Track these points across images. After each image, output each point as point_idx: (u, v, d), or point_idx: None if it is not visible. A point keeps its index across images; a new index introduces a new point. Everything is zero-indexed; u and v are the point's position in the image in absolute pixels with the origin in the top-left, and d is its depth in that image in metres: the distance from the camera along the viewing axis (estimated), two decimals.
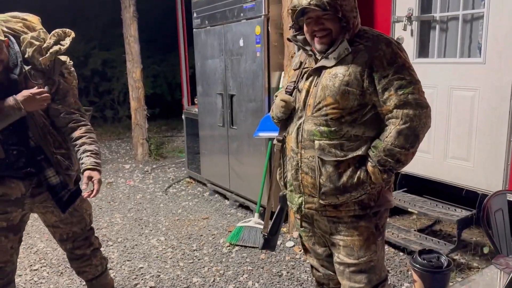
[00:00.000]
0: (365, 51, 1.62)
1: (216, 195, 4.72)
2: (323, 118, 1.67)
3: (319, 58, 1.74)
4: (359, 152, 1.64)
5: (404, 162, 1.63)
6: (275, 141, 1.92)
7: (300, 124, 1.74)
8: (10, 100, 1.82)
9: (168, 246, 3.55)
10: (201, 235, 3.73)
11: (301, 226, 1.93)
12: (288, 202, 1.90)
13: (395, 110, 1.58)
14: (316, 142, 1.68)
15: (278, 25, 3.55)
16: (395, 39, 3.53)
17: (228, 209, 4.33)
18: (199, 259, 3.29)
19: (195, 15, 4.51)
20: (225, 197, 4.54)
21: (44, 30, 2.03)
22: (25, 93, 1.84)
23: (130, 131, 7.08)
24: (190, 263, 3.24)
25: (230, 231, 3.68)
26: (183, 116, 5.43)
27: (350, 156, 1.64)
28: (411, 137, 1.58)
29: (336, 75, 1.66)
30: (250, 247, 3.41)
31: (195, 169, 5.26)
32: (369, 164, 1.63)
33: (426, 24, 3.38)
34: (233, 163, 4.20)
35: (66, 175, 2.04)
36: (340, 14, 1.63)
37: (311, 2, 1.62)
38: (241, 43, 3.82)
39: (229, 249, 3.43)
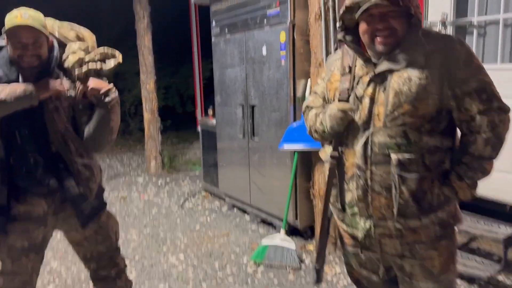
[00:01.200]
0: (438, 51, 1.44)
1: (235, 210, 4.52)
2: (400, 128, 1.48)
3: (379, 60, 1.56)
4: (444, 166, 1.45)
5: (489, 173, 1.44)
6: (326, 157, 1.71)
7: (368, 137, 1.54)
8: (22, 84, 1.72)
9: (188, 265, 3.34)
10: (223, 253, 3.52)
11: (351, 251, 1.72)
12: (342, 227, 1.69)
13: (478, 117, 1.40)
14: (393, 156, 1.48)
15: (304, 32, 3.38)
16: None
17: (249, 225, 4.12)
18: (222, 280, 3.08)
19: (214, 24, 4.37)
20: (245, 212, 4.33)
21: (95, 47, 1.94)
22: (41, 81, 1.74)
23: (142, 143, 6.93)
24: (214, 284, 3.03)
25: (253, 249, 3.48)
26: (198, 128, 5.26)
27: (434, 170, 1.44)
28: (498, 145, 1.40)
29: (410, 78, 1.47)
30: (277, 267, 3.20)
31: (211, 182, 5.07)
32: (454, 178, 1.44)
33: (462, 29, 3.20)
34: (254, 176, 4.00)
35: (87, 186, 1.90)
36: (412, 10, 1.46)
37: None
38: (263, 51, 3.66)
39: (254, 268, 3.22)
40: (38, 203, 1.83)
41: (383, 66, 1.54)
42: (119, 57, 1.91)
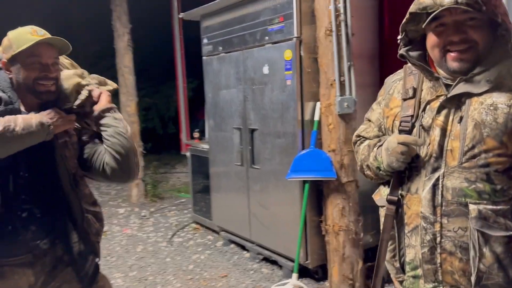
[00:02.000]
0: None
1: (232, 245, 4.08)
2: (481, 170, 1.15)
3: (453, 81, 1.22)
4: None
5: None
6: (382, 201, 1.37)
7: (438, 179, 1.20)
8: (35, 115, 1.43)
9: None
10: None
11: None
12: None
13: None
14: (472, 207, 1.15)
15: (312, 49, 3.05)
16: None
17: (249, 264, 3.68)
18: None
19: (205, 41, 4.00)
20: (244, 248, 3.90)
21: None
22: (49, 111, 1.47)
23: None
24: None
25: None
26: (187, 153, 4.83)
27: None
28: None
29: (496, 106, 1.15)
30: None
31: (202, 213, 4.63)
32: None
33: None
34: (256, 208, 3.60)
35: (96, 242, 1.64)
36: (499, 18, 1.13)
37: (459, 0, 1.12)
38: (265, 70, 3.30)
39: None
40: (22, 277, 1.45)
41: (459, 89, 1.21)
42: (112, 84, 1.73)
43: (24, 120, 1.37)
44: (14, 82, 1.47)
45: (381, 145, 1.37)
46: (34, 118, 1.40)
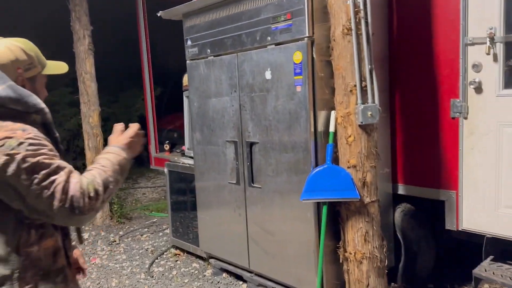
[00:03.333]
0: None
1: (225, 275, 3.58)
2: None
3: None
4: None
5: None
6: None
7: None
8: (115, 150, 1.43)
9: None
10: None
11: None
12: None
13: None
14: None
15: (323, 50, 2.67)
16: (471, 66, 2.84)
17: None
18: None
19: (189, 43, 3.52)
20: (241, 279, 3.41)
21: None
22: (120, 136, 1.50)
23: None
24: None
25: None
26: (165, 169, 4.29)
27: None
28: None
29: None
30: None
31: (185, 238, 4.10)
32: None
33: (510, 47, 2.69)
34: (256, 233, 3.14)
35: None
36: None
37: None
38: (267, 75, 2.88)
39: None
40: None
41: None
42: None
43: (116, 159, 1.39)
44: None
45: None
46: (119, 154, 1.40)
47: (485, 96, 2.71)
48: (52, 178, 1.22)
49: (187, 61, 3.57)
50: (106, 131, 8.82)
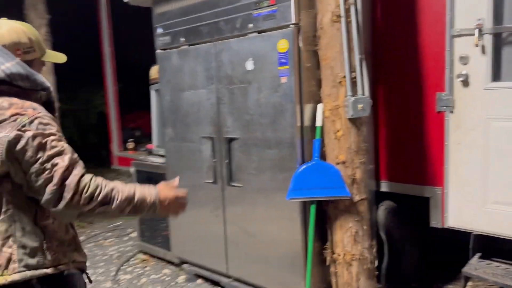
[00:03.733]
0: None
1: (199, 281, 3.34)
2: None
3: None
4: None
5: None
6: None
7: None
8: (150, 192, 1.40)
9: None
10: None
11: None
12: None
13: None
14: None
15: (310, 39, 2.50)
16: (458, 58, 2.76)
17: None
18: None
19: (160, 31, 3.25)
20: (218, 285, 3.18)
21: None
22: (169, 189, 1.48)
23: None
24: None
25: None
26: (131, 169, 3.99)
27: None
28: None
29: None
30: None
31: (153, 242, 3.82)
32: None
33: (499, 38, 2.63)
34: (235, 235, 2.93)
35: None
36: None
37: None
38: (248, 66, 2.68)
39: None
40: None
41: None
42: None
43: (141, 196, 1.36)
44: None
45: None
46: (147, 191, 1.37)
47: (472, 89, 2.64)
48: (55, 160, 1.25)
49: (157, 51, 3.31)
50: (64, 128, 8.37)
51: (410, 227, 3.10)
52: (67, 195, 1.23)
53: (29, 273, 1.32)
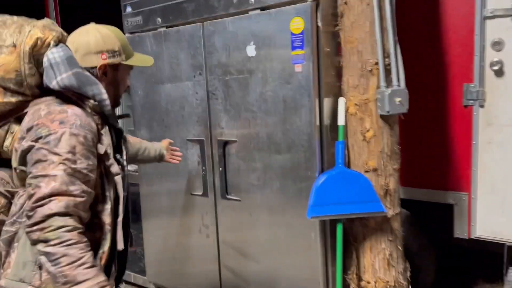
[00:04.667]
0: None
1: None
2: None
3: None
4: None
5: None
6: None
7: None
8: (95, 272, 1.26)
9: None
10: None
11: None
12: None
13: None
14: None
15: (329, 18, 2.02)
16: (491, 44, 2.40)
17: None
18: None
19: (129, 10, 2.64)
20: None
21: None
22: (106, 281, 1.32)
23: None
24: None
25: None
26: None
27: None
28: None
29: None
30: None
31: None
32: None
33: None
34: (231, 259, 2.40)
35: None
36: None
37: None
38: (249, 51, 2.15)
39: None
40: None
41: None
42: None
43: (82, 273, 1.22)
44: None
45: None
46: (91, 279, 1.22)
47: (507, 80, 2.27)
48: (40, 182, 1.20)
49: (126, 35, 2.69)
50: None
51: (427, 237, 2.73)
52: (31, 221, 1.20)
53: (14, 284, 1.29)
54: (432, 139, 2.50)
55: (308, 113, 2.00)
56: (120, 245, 1.38)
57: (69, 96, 1.33)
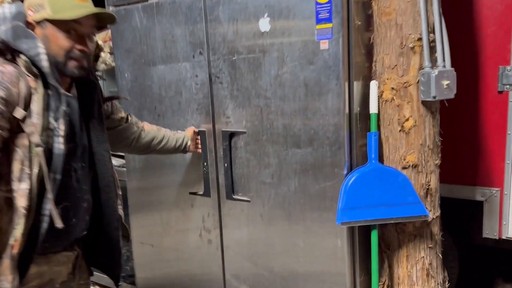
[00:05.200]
0: None
1: None
2: None
3: None
4: None
5: None
6: None
7: None
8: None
9: None
10: None
11: None
12: None
13: None
14: None
15: None
16: None
17: None
18: None
19: None
20: None
21: None
22: None
23: None
24: None
25: None
26: None
27: None
28: None
29: None
30: None
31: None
32: None
33: None
34: (239, 268, 2.08)
35: None
36: None
37: None
38: (263, 25, 1.80)
39: None
40: (66, 261, 1.45)
41: None
42: None
43: None
44: None
45: None
46: None
47: None
48: None
49: (110, 8, 2.29)
50: None
51: (451, 238, 2.48)
52: None
53: None
54: (460, 129, 2.23)
55: (336, 99, 1.68)
56: (58, 223, 1.26)
57: (7, 53, 1.26)
